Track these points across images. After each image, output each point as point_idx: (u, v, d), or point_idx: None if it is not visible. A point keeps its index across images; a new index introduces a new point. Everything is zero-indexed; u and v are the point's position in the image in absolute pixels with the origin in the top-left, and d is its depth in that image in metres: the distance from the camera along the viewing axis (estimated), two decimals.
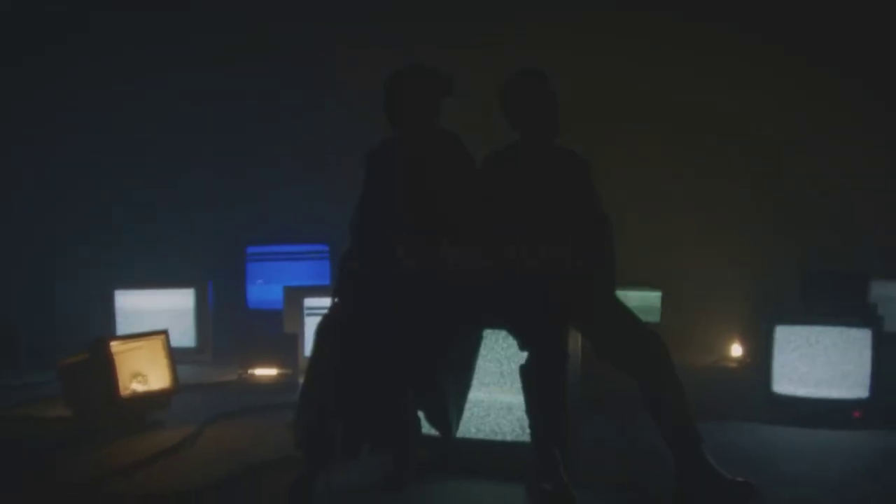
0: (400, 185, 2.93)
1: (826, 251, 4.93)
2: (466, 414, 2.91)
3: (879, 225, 5.07)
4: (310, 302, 4.59)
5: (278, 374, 4.31)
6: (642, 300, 4.91)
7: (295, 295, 4.73)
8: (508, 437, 2.94)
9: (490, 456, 2.95)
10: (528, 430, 2.76)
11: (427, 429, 2.86)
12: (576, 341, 3.00)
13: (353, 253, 2.97)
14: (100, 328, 4.59)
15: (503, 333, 2.91)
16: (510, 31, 5.34)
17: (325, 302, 3.03)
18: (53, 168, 5.78)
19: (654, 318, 4.93)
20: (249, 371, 4.33)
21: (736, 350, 4.98)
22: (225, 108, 5.84)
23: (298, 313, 4.62)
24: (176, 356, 3.80)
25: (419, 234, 2.87)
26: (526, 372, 2.75)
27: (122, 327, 4.91)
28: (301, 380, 2.92)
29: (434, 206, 2.90)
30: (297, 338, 4.49)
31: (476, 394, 2.93)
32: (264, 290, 5.64)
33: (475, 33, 5.38)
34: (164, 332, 3.78)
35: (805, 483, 2.83)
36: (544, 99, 3.02)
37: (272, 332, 4.80)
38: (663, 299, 5.00)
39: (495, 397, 2.96)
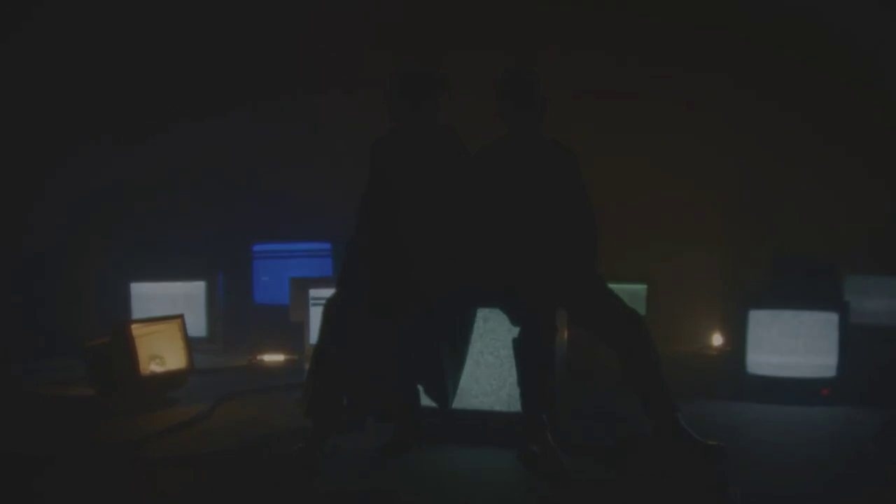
0: (400, 178, 3.07)
1: (801, 247, 5.09)
2: (462, 386, 3.06)
3: (854, 222, 5.23)
4: (315, 292, 4.72)
5: (286, 360, 4.48)
6: (629, 293, 5.07)
7: (301, 285, 4.86)
8: (501, 408, 3.10)
9: (484, 424, 3.11)
10: (518, 402, 2.92)
11: (426, 400, 2.99)
12: (564, 321, 3.19)
13: (357, 244, 3.09)
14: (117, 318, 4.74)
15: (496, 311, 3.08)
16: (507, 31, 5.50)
17: (329, 293, 3.13)
18: (67, 173, 5.89)
19: (640, 310, 5.10)
20: (259, 357, 4.51)
21: (717, 339, 5.16)
22: (230, 111, 5.98)
23: (304, 303, 4.76)
24: None
25: (418, 228, 3.01)
26: (517, 344, 2.91)
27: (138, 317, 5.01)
28: (307, 365, 3.06)
29: (432, 199, 3.04)
30: (303, 326, 4.66)
31: (471, 368, 3.11)
32: (270, 285, 5.80)
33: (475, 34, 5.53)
34: (181, 317, 3.94)
35: (775, 450, 3.06)
36: (532, 93, 3.16)
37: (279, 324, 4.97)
38: (648, 292, 5.15)
39: (489, 370, 3.13)
